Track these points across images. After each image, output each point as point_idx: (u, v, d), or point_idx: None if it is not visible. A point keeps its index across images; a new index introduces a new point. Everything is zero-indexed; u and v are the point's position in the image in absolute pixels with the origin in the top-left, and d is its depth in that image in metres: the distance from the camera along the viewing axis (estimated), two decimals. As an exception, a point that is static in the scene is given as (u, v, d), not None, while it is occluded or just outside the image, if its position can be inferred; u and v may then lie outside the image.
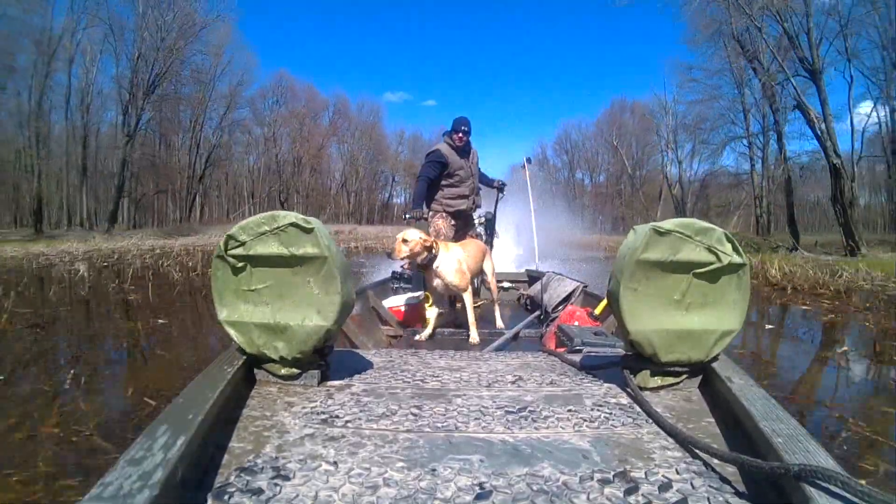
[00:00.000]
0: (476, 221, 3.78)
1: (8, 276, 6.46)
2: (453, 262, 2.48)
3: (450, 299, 2.92)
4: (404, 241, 2.37)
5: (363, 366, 1.22)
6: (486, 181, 3.70)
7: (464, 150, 3.25)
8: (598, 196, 34.34)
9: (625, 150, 30.50)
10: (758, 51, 13.92)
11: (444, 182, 3.25)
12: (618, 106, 33.25)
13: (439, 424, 0.87)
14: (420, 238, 2.38)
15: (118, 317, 4.12)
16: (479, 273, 2.89)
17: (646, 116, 28.12)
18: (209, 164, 27.48)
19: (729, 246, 0.98)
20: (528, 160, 5.18)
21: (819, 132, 11.60)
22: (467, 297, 2.50)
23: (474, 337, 2.44)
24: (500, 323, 2.93)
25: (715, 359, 1.01)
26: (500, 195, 3.94)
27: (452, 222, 3.29)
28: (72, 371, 2.45)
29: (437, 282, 2.47)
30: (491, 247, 4.02)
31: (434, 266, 2.43)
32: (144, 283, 5.64)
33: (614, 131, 32.13)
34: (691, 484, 0.69)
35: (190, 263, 8.19)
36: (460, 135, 3.19)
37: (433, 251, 2.42)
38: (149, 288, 5.26)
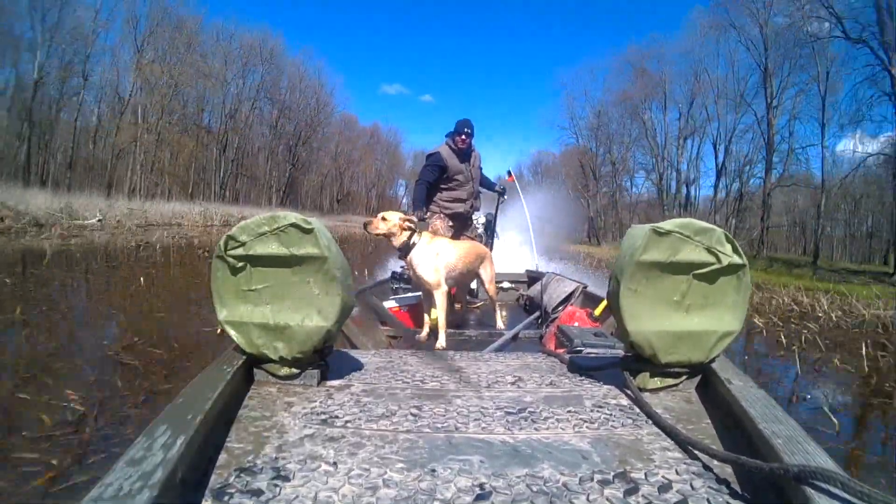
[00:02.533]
0: (476, 223, 3.78)
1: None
2: (428, 255, 2.39)
3: (450, 299, 2.91)
4: (383, 218, 2.36)
5: (363, 366, 1.22)
6: (488, 185, 3.70)
7: (465, 153, 3.24)
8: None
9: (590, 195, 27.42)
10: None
11: (443, 185, 3.25)
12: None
13: (439, 425, 0.87)
14: (399, 220, 2.36)
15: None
16: (470, 275, 2.83)
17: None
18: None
19: (729, 247, 0.98)
20: (509, 172, 5.29)
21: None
22: (438, 298, 2.40)
23: (441, 342, 2.34)
24: (500, 324, 2.92)
25: (714, 360, 1.01)
26: (502, 199, 3.95)
27: (450, 223, 3.30)
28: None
29: (410, 271, 2.44)
30: (491, 248, 4.03)
31: (408, 255, 2.39)
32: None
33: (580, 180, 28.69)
34: (691, 485, 0.69)
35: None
36: (462, 137, 3.18)
37: (411, 237, 2.37)
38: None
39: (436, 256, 2.42)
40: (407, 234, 2.38)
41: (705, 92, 21.92)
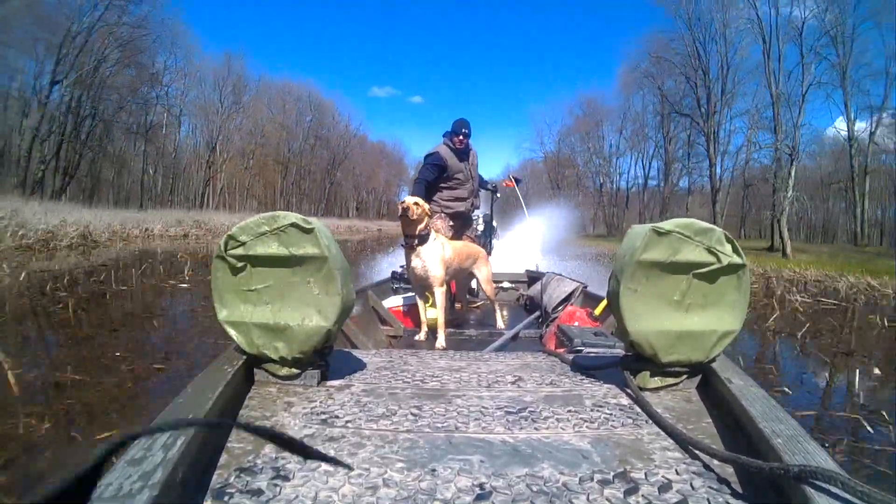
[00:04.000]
0: (475, 222, 3.79)
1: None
2: (437, 250, 2.44)
3: (451, 299, 2.91)
4: (416, 203, 2.38)
5: (363, 366, 1.22)
6: (481, 183, 3.71)
7: (464, 153, 3.25)
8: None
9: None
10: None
11: (443, 184, 3.25)
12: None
13: (439, 425, 0.87)
14: (426, 206, 2.40)
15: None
16: (462, 273, 2.82)
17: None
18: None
19: (729, 247, 0.98)
20: (509, 177, 5.24)
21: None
22: (439, 295, 2.43)
23: (441, 342, 2.36)
24: (500, 323, 2.92)
25: (715, 359, 1.01)
26: (495, 197, 3.95)
27: (451, 223, 3.30)
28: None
29: (415, 263, 2.43)
30: (491, 247, 4.03)
31: (420, 247, 2.41)
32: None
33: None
34: (691, 485, 0.69)
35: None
36: (461, 137, 3.19)
37: (428, 228, 2.42)
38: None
39: (443, 251, 2.46)
40: (427, 220, 2.43)
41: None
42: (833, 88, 18.70)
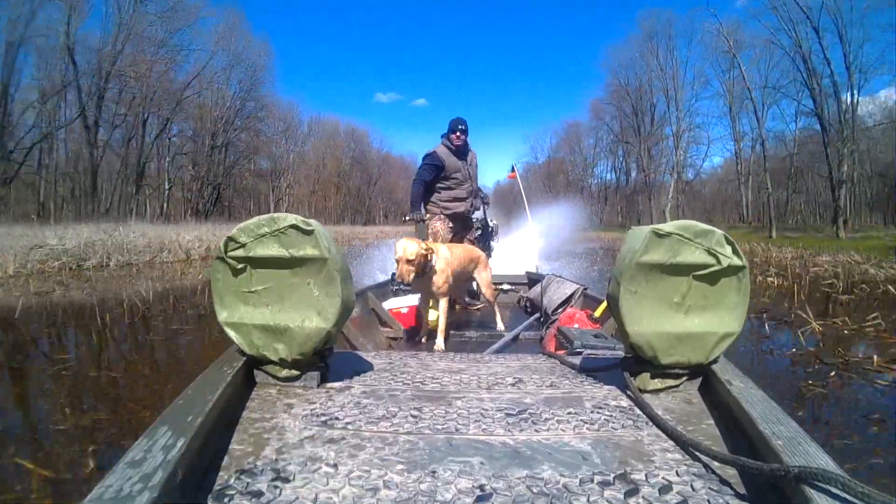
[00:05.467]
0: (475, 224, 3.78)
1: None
2: (441, 266, 2.44)
3: (451, 301, 2.91)
4: (408, 261, 2.23)
5: (363, 368, 1.22)
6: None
7: (462, 152, 3.24)
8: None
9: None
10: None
11: (441, 184, 3.23)
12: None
13: (439, 426, 0.87)
14: (420, 249, 2.29)
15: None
16: (465, 279, 2.82)
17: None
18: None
19: (729, 248, 0.98)
20: (512, 167, 5.09)
21: None
22: (443, 304, 2.45)
23: (439, 344, 2.37)
24: (500, 325, 2.91)
25: (715, 361, 1.01)
26: (486, 206, 3.93)
27: (450, 225, 3.28)
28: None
29: (423, 283, 2.42)
30: (490, 250, 4.02)
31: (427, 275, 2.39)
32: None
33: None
34: (691, 486, 0.69)
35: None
36: (457, 134, 3.17)
37: (430, 257, 2.37)
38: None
39: (447, 265, 2.44)
40: (427, 260, 2.36)
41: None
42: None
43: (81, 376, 2.55)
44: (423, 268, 2.34)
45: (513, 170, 4.88)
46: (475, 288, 3.45)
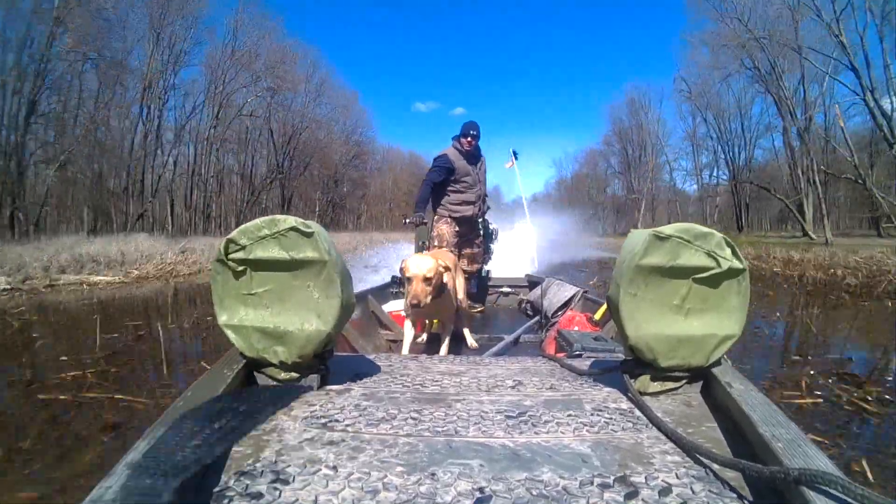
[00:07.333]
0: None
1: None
2: (460, 280, 2.39)
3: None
4: (425, 279, 1.89)
5: (363, 370, 1.22)
6: None
7: (472, 156, 3.23)
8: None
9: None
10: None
11: (450, 188, 3.22)
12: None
13: (439, 429, 0.87)
14: (437, 265, 1.98)
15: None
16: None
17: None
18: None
19: (729, 251, 0.98)
20: (515, 153, 4.86)
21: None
22: (449, 326, 2.37)
23: (443, 350, 2.29)
24: (470, 340, 2.61)
25: (715, 364, 1.01)
26: (487, 209, 3.93)
27: (456, 228, 3.27)
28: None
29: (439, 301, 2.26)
30: (490, 252, 4.03)
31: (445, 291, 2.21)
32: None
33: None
34: (691, 489, 0.69)
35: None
36: (469, 139, 3.17)
37: (444, 281, 2.11)
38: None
39: (454, 284, 2.26)
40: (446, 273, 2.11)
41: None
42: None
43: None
44: (441, 289, 2.04)
45: (514, 156, 4.59)
46: (475, 289, 3.46)
